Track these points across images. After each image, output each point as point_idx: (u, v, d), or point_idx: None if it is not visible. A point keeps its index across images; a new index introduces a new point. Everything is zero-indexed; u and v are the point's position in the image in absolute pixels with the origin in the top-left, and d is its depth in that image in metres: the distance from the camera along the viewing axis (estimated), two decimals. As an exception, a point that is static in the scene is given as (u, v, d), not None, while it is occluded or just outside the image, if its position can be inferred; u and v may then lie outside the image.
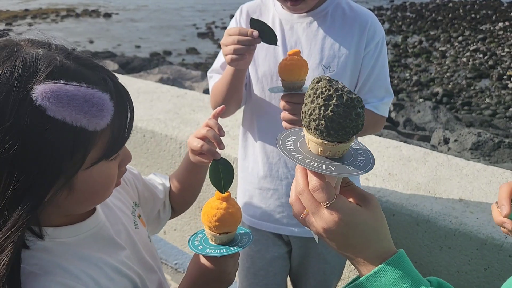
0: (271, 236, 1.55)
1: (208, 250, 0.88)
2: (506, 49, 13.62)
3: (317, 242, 0.75)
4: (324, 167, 0.63)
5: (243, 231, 0.95)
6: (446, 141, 3.99)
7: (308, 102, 0.64)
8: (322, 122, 0.62)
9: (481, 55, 13.38)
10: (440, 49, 14.28)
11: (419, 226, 1.58)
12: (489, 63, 12.71)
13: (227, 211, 0.88)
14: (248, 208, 1.55)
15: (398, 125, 6.64)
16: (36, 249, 0.73)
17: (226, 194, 0.90)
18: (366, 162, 0.66)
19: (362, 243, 0.63)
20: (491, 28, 15.99)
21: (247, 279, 1.60)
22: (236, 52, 1.18)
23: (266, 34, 1.18)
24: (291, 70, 1.17)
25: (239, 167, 1.58)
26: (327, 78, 0.64)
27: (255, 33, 1.16)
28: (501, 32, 15.34)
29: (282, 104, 1.21)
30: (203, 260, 0.91)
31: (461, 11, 18.98)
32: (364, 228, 0.63)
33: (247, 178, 1.54)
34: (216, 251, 0.88)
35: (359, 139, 1.53)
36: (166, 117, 2.47)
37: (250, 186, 1.53)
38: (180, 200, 1.17)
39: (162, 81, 7.08)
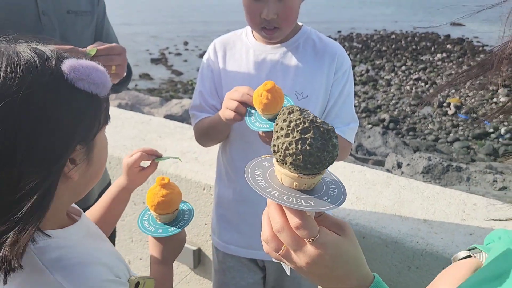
0: (246, 262, 1.56)
1: (159, 230, 1.03)
2: (444, 78, 14.59)
3: (288, 274, 0.73)
4: (303, 203, 0.60)
5: (183, 204, 1.10)
6: (399, 165, 4.20)
7: (282, 136, 0.60)
8: (300, 157, 0.59)
9: (422, 84, 14.22)
10: (385, 77, 15.03)
11: (388, 248, 1.65)
12: (430, 91, 13.56)
13: (172, 193, 1.02)
14: (223, 234, 1.55)
15: (351, 150, 6.88)
16: (59, 247, 0.76)
17: (166, 180, 1.02)
18: (338, 191, 0.66)
19: (346, 273, 0.63)
20: (431, 58, 17.10)
21: (222, 306, 1.59)
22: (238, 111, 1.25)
23: None
24: (269, 106, 1.18)
25: (215, 192, 1.59)
26: (298, 109, 0.62)
27: None
28: (439, 63, 16.44)
29: (261, 134, 1.24)
30: (160, 239, 1.04)
31: (403, 42, 20.19)
32: (347, 258, 0.63)
33: (223, 203, 1.55)
34: (169, 229, 1.03)
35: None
36: (132, 144, 2.43)
37: (227, 211, 1.54)
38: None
39: (120, 107, 6.95)
